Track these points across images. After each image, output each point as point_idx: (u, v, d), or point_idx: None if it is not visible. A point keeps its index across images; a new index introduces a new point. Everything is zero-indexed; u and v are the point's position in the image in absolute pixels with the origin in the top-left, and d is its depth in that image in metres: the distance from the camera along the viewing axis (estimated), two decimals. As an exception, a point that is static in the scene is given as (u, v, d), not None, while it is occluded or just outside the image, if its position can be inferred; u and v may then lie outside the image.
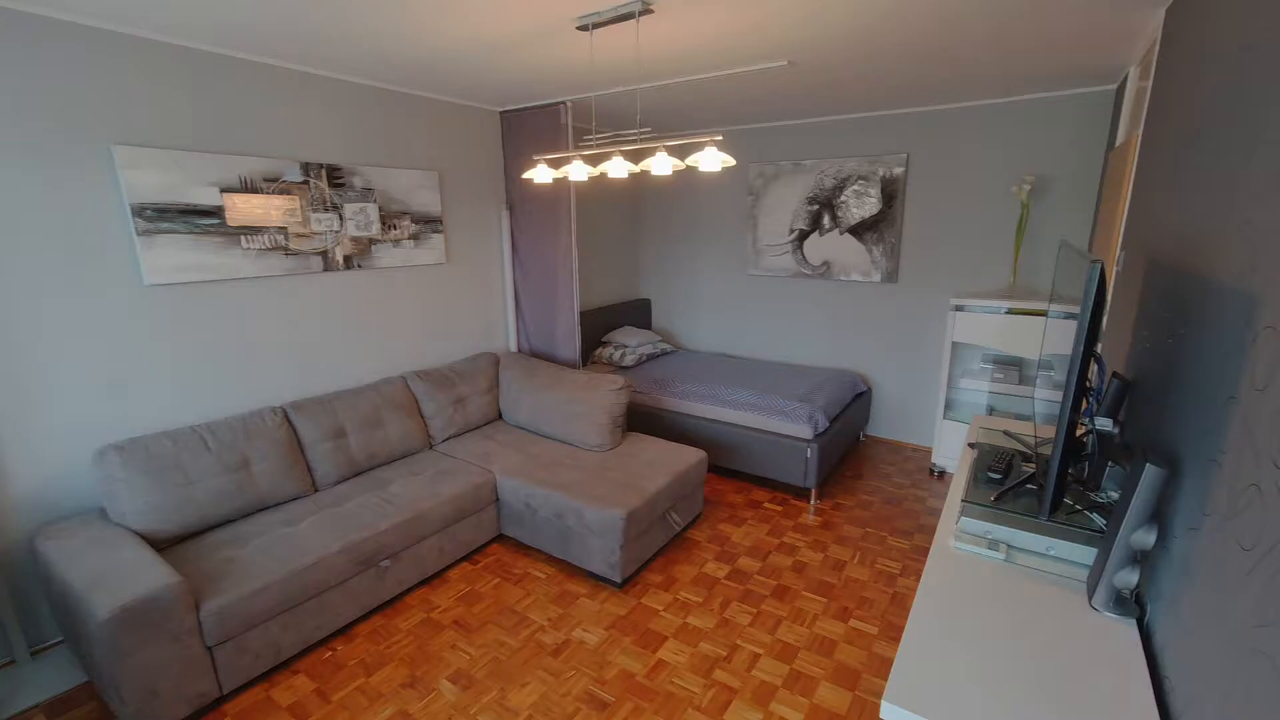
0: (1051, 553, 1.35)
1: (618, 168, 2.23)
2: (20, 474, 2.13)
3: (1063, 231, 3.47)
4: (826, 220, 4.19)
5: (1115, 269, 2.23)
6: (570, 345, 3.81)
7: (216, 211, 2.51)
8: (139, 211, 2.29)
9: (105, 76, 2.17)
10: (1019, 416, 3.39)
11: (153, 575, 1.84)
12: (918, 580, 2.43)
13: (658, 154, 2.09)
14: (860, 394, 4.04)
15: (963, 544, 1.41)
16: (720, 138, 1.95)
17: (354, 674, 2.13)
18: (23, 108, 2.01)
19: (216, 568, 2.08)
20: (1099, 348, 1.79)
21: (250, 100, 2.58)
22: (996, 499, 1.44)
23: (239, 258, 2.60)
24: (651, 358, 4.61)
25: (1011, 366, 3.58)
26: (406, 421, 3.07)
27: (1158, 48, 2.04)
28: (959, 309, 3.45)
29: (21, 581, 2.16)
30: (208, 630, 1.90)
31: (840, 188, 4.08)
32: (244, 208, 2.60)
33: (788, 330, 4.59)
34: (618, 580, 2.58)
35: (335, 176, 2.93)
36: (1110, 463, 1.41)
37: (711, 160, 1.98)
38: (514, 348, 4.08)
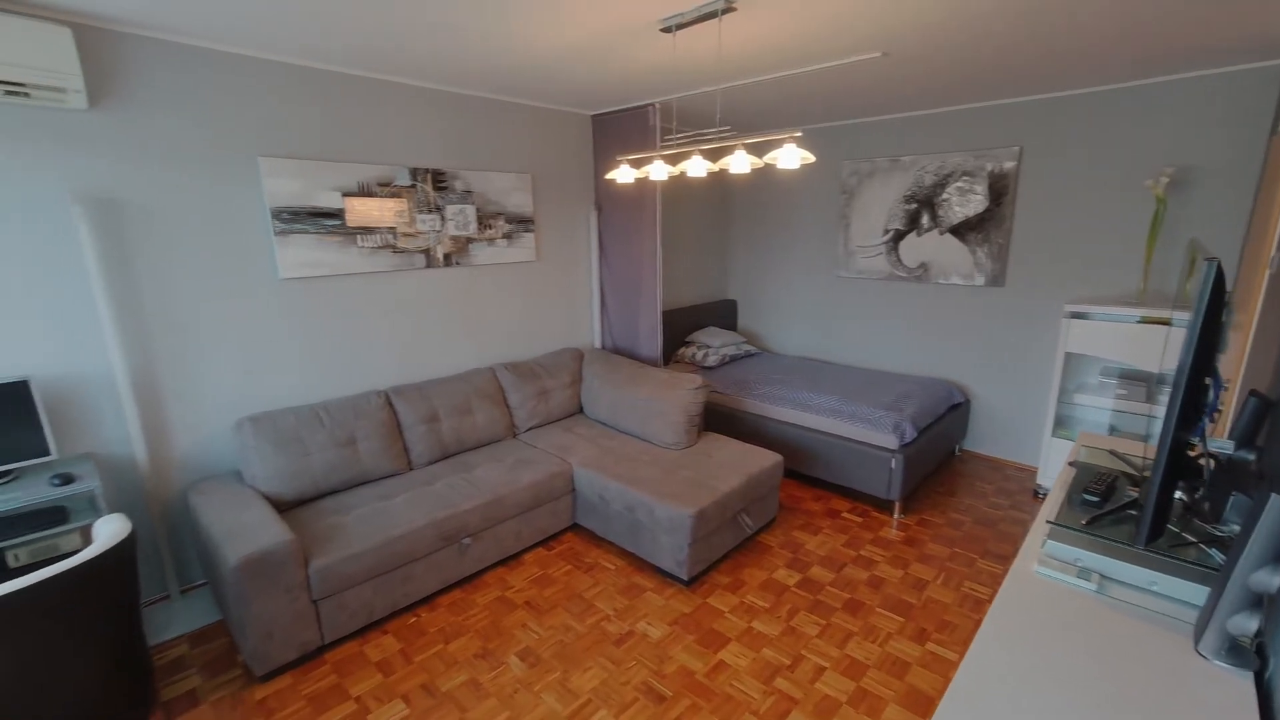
0: (1155, 588, 1.21)
1: (697, 167, 2.24)
2: (180, 439, 2.51)
3: (1209, 231, 3.03)
4: (925, 219, 3.94)
5: (1269, 272, 1.93)
6: (652, 343, 3.87)
7: (338, 214, 2.81)
8: (277, 214, 2.62)
9: (253, 97, 2.50)
10: (1146, 438, 3.01)
11: (273, 532, 2.10)
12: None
13: (736, 152, 2.08)
14: (956, 405, 3.77)
15: (1047, 570, 1.30)
16: (800, 134, 1.91)
17: (434, 640, 2.31)
18: (195, 126, 2.38)
19: (324, 531, 2.33)
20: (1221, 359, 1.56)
21: (368, 113, 2.85)
22: (1089, 523, 1.31)
23: (354, 255, 2.89)
24: (734, 359, 4.57)
25: (1139, 382, 3.19)
26: (493, 410, 3.27)
27: (1333, 14, 1.75)
28: (1076, 316, 3.12)
29: (178, 529, 2.55)
30: (314, 585, 2.14)
31: (942, 185, 3.82)
32: (361, 210, 2.89)
33: (878, 335, 4.37)
34: (685, 578, 2.59)
35: (439, 180, 3.17)
36: (1235, 492, 1.23)
37: (790, 157, 1.95)
38: (598, 344, 4.20)
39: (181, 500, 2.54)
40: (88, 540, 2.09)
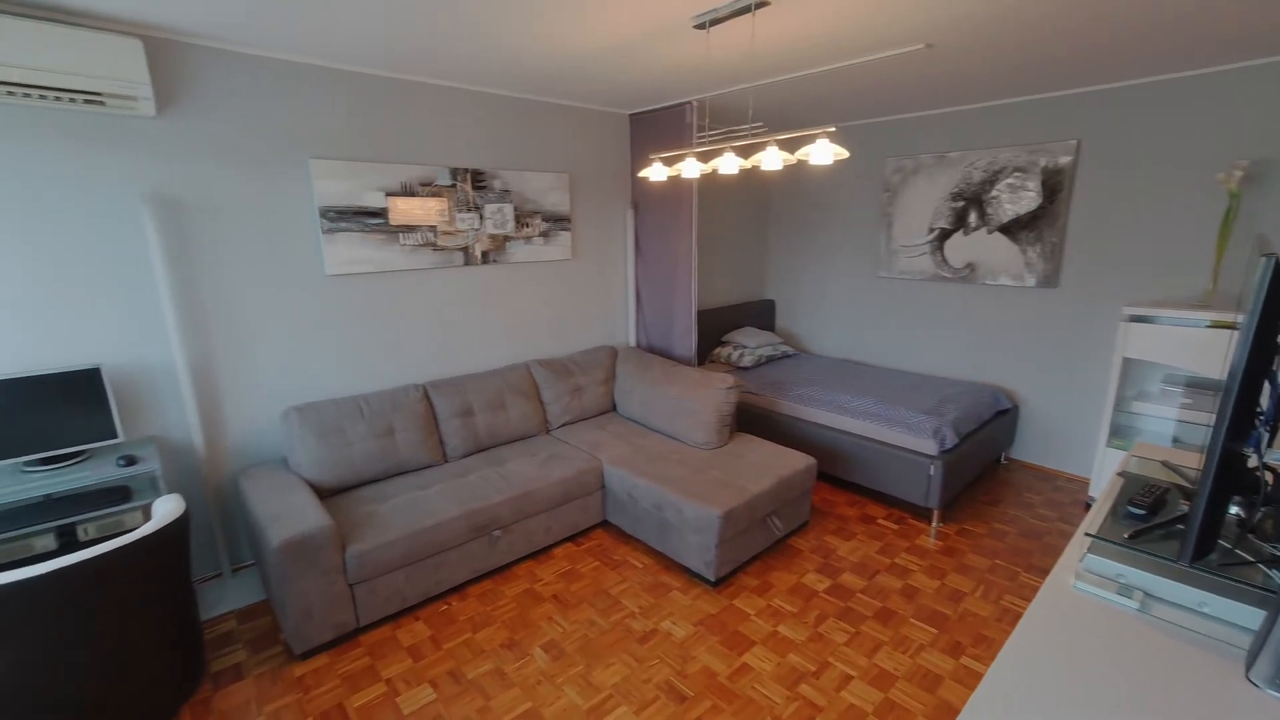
0: (1205, 610, 1.13)
1: (728, 163, 2.23)
2: (233, 427, 2.65)
3: (1290, 228, 2.81)
4: (973, 218, 3.79)
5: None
6: (686, 343, 3.86)
7: (381, 213, 2.91)
8: (324, 213, 2.73)
9: (304, 101, 2.62)
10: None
11: (313, 517, 2.20)
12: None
13: (768, 148, 2.05)
14: (1003, 411, 3.60)
15: (1085, 585, 1.23)
16: (833, 129, 1.87)
17: (463, 629, 2.37)
18: (250, 131, 2.50)
19: (361, 518, 2.42)
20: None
21: (412, 115, 2.95)
22: (1132, 536, 1.23)
23: (396, 252, 2.99)
24: (771, 360, 4.50)
25: (1206, 390, 2.98)
26: (526, 406, 3.32)
27: None
28: (1136, 320, 2.94)
29: (230, 511, 2.69)
30: (350, 570, 2.23)
31: (991, 181, 3.67)
32: (403, 209, 2.98)
33: (921, 338, 4.23)
34: (711, 578, 2.57)
35: (478, 180, 3.24)
36: (1300, 510, 1.14)
37: (823, 153, 1.91)
38: (633, 343, 4.22)
39: (233, 484, 2.68)
40: (148, 518, 2.23)
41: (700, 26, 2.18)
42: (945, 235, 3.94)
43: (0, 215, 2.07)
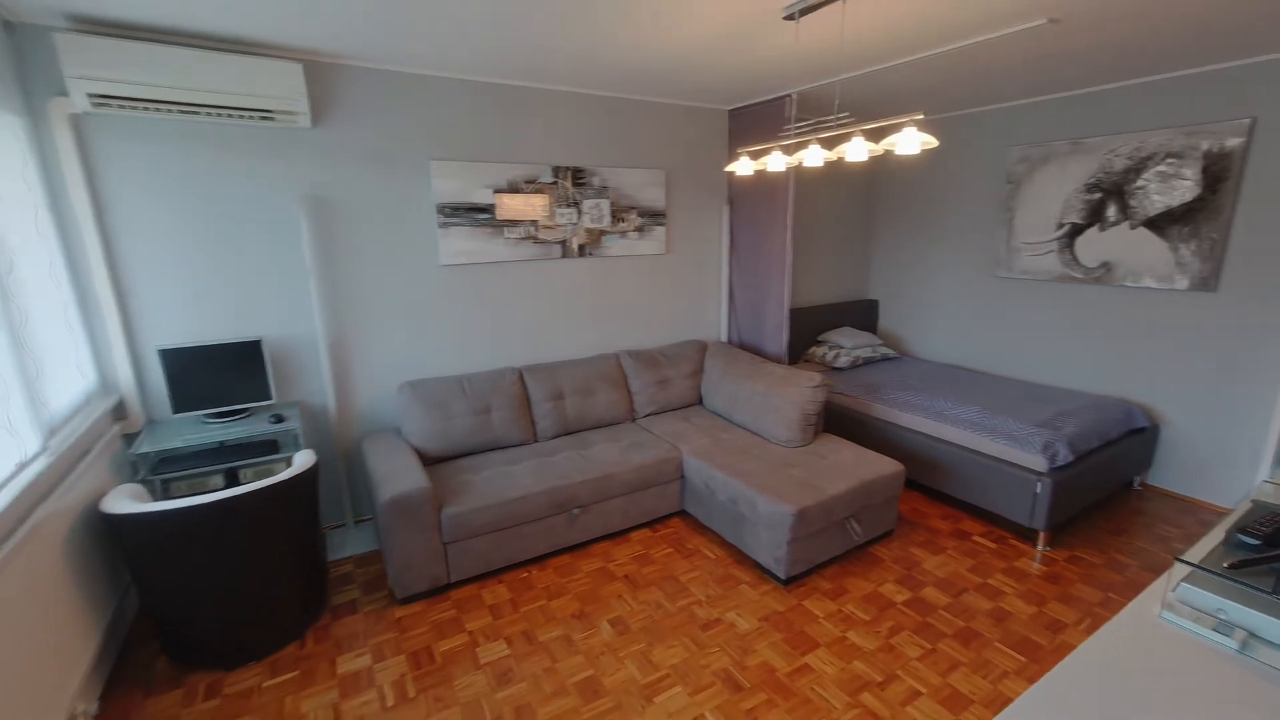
0: (1324, 659, 0.98)
1: (813, 156, 2.19)
2: (359, 396, 3.04)
3: None
4: (1112, 211, 3.36)
5: None
6: (777, 340, 3.81)
7: (489, 209, 3.17)
8: (440, 209, 3.04)
9: (427, 109, 2.92)
10: None
11: (415, 479, 2.47)
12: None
13: (853, 139, 1.99)
14: (1137, 430, 3.18)
15: (1174, 617, 1.11)
16: (920, 116, 1.78)
17: (539, 596, 2.54)
18: (383, 137, 2.85)
19: (456, 486, 2.68)
20: None
21: (518, 117, 3.18)
22: (1232, 566, 1.09)
23: (501, 245, 3.24)
24: (869, 361, 4.31)
25: None
26: (614, 394, 3.46)
27: None
28: (1318, 331, 2.48)
29: (355, 470, 3.09)
30: (444, 530, 2.48)
31: (1137, 169, 3.23)
32: (509, 205, 3.23)
33: (1041, 344, 3.82)
34: (782, 576, 2.54)
35: (578, 177, 3.42)
36: None
37: (910, 142, 1.83)
38: (724, 338, 4.22)
39: (358, 446, 3.07)
40: (289, 467, 2.64)
41: (789, 17, 2.16)
42: (1077, 231, 3.54)
43: (193, 214, 2.54)
